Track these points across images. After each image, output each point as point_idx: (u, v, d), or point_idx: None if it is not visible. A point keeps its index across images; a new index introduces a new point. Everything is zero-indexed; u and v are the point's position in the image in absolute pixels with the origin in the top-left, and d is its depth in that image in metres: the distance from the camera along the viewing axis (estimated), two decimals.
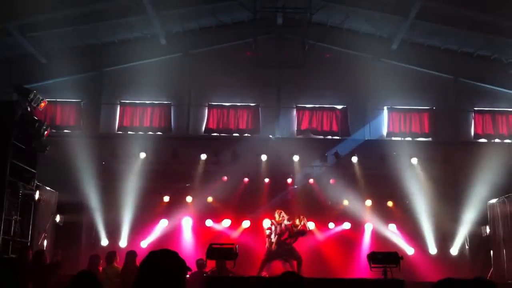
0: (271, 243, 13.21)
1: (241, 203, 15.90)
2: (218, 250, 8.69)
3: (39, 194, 12.02)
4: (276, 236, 13.16)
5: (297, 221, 13.41)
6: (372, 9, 16.59)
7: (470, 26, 16.47)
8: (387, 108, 18.04)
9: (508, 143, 17.34)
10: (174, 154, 16.39)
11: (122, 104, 17.92)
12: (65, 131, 17.40)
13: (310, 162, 16.94)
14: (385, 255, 9.24)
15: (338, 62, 17.71)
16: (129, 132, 17.59)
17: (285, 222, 13.30)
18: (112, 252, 11.41)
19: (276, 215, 13.48)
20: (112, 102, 17.89)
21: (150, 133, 17.59)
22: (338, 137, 17.63)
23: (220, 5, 17.08)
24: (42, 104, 11.62)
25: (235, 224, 15.83)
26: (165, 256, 2.97)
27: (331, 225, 16.03)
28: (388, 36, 17.94)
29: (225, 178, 16.18)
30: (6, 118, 10.59)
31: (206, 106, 17.97)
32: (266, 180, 16.34)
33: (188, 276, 7.39)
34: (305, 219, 13.43)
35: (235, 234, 15.67)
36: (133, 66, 17.82)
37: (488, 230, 14.94)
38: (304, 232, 13.39)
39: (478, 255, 15.26)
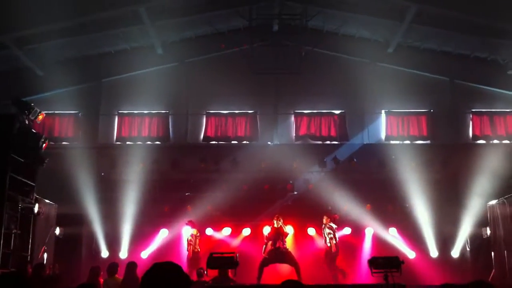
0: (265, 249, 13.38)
1: (241, 211, 15.86)
2: (218, 259, 8.65)
3: (39, 207, 11.97)
4: (271, 242, 13.27)
5: (275, 223, 13.49)
6: (368, 14, 16.63)
7: (465, 28, 16.52)
8: (385, 111, 18.07)
9: (507, 143, 17.34)
10: (173, 163, 16.37)
11: (120, 114, 17.94)
12: (64, 143, 17.40)
13: (309, 167, 16.94)
14: (386, 260, 9.20)
15: (335, 67, 17.74)
16: (127, 142, 17.59)
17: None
18: (114, 263, 11.32)
19: (275, 222, 13.55)
20: (110, 113, 17.91)
21: (149, 142, 17.59)
22: (336, 142, 17.66)
23: (216, 14, 17.11)
24: (40, 117, 11.63)
25: (236, 232, 15.76)
26: (169, 270, 2.94)
27: None
28: (384, 40, 17.99)
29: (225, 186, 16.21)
30: (4, 132, 10.57)
31: (204, 114, 17.99)
32: (266, 187, 16.32)
33: None
34: (281, 220, 13.53)
35: (236, 242, 15.61)
36: (130, 76, 17.88)
37: (488, 231, 14.90)
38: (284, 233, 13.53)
39: (479, 257, 15.19)
